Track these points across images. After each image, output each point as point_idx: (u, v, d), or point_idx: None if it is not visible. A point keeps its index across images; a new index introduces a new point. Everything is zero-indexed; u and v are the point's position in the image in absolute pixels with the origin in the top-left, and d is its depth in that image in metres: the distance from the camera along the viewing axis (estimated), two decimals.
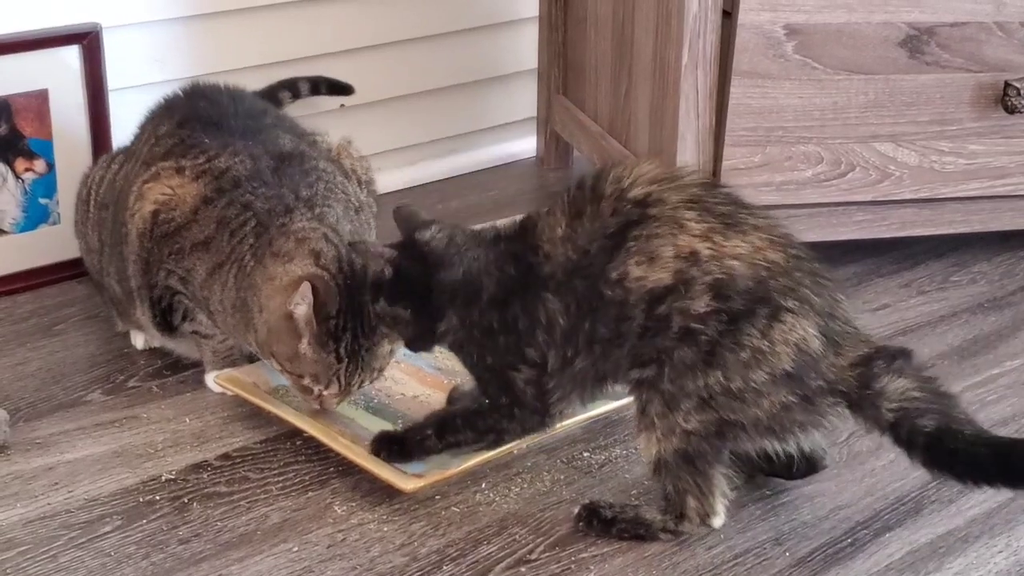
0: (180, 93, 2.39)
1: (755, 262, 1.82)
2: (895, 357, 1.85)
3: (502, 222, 2.02)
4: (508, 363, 1.93)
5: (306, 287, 2.02)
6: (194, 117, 2.30)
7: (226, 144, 2.25)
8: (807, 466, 2.02)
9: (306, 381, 2.11)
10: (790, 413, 1.84)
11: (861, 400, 1.83)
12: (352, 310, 2.07)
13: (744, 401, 1.83)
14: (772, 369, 1.81)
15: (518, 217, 1.99)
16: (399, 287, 1.97)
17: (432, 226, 1.98)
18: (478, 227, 2.02)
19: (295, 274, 2.08)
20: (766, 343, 1.80)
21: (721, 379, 1.82)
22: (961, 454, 1.79)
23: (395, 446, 2.01)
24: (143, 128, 2.39)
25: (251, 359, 2.29)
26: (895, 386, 1.82)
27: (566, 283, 1.87)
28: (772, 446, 1.90)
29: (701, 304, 1.80)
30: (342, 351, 2.07)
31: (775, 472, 2.03)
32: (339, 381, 2.10)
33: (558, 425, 2.03)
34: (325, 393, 2.11)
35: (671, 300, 1.81)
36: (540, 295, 1.89)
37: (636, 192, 1.85)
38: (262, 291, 2.11)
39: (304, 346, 2.07)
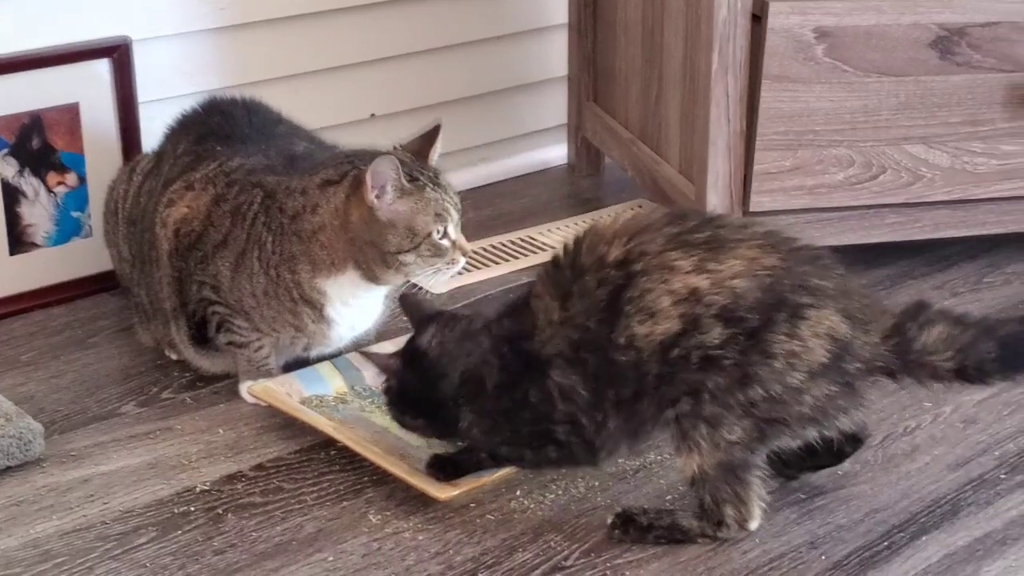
0: (197, 109, 2.43)
1: (755, 273, 1.81)
2: (918, 312, 1.87)
3: (490, 309, 2.04)
4: (542, 428, 1.92)
5: (371, 174, 2.11)
6: (209, 133, 2.36)
7: (237, 152, 2.31)
8: (852, 443, 2.01)
9: (435, 236, 2.16)
10: (832, 401, 1.85)
11: (907, 367, 1.85)
12: (399, 161, 2.14)
13: (786, 403, 1.83)
14: (809, 366, 1.81)
15: (509, 299, 2.01)
16: (407, 399, 2.01)
17: (431, 327, 1.99)
18: (469, 314, 2.03)
19: (338, 197, 2.17)
20: (797, 343, 1.80)
21: (761, 391, 1.82)
22: None
23: (450, 468, 2.01)
24: (163, 147, 2.44)
25: (292, 366, 2.30)
26: (933, 336, 1.84)
27: (575, 360, 1.86)
28: (815, 434, 1.90)
29: (714, 335, 1.80)
30: (430, 182, 2.16)
31: (823, 465, 2.04)
32: (452, 211, 2.18)
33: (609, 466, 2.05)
34: (452, 233, 2.18)
35: (683, 342, 1.81)
36: (546, 374, 1.88)
37: (615, 254, 1.85)
38: (320, 245, 2.18)
39: (409, 205, 2.14)
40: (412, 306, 2.07)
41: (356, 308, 2.27)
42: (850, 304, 1.85)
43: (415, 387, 1.99)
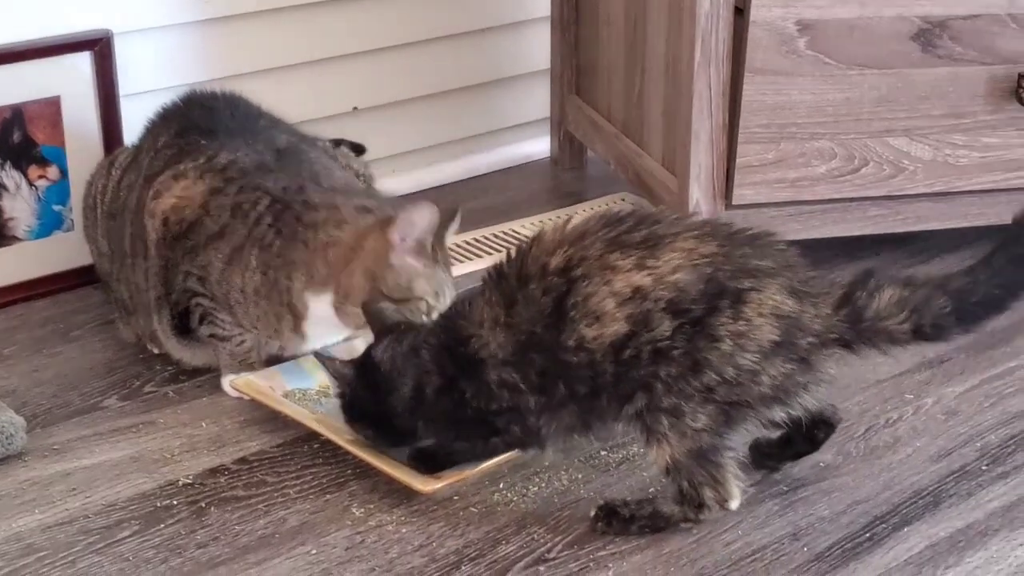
0: (177, 102, 2.41)
1: (695, 263, 1.82)
2: (866, 280, 1.87)
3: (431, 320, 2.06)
4: (483, 421, 1.95)
5: (406, 218, 2.11)
6: (191, 126, 2.34)
7: (224, 145, 2.29)
8: (825, 428, 2.01)
9: (422, 307, 2.17)
10: (791, 378, 1.85)
11: (861, 335, 1.86)
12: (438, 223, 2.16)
13: (744, 385, 1.83)
14: (759, 346, 1.82)
15: (452, 307, 2.03)
16: (357, 409, 2.03)
17: (385, 339, 2.01)
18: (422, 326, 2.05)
19: (366, 222, 2.17)
20: (742, 323, 1.81)
21: (714, 376, 1.82)
22: (987, 294, 1.84)
23: (429, 460, 2.02)
24: (143, 140, 2.42)
25: (269, 362, 2.30)
26: (884, 301, 1.84)
27: (518, 359, 1.88)
28: (780, 414, 1.90)
29: (664, 328, 1.81)
30: (443, 263, 2.19)
31: (800, 453, 2.04)
32: (447, 297, 2.19)
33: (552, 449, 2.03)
34: (432, 313, 2.17)
35: (634, 341, 1.82)
36: (482, 372, 1.91)
37: (556, 262, 1.86)
38: (324, 259, 2.16)
39: (418, 268, 2.15)
40: (375, 315, 2.08)
41: (330, 328, 2.25)
42: (794, 279, 1.86)
43: (366, 398, 2.01)
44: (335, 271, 2.17)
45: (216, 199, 2.23)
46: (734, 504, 1.91)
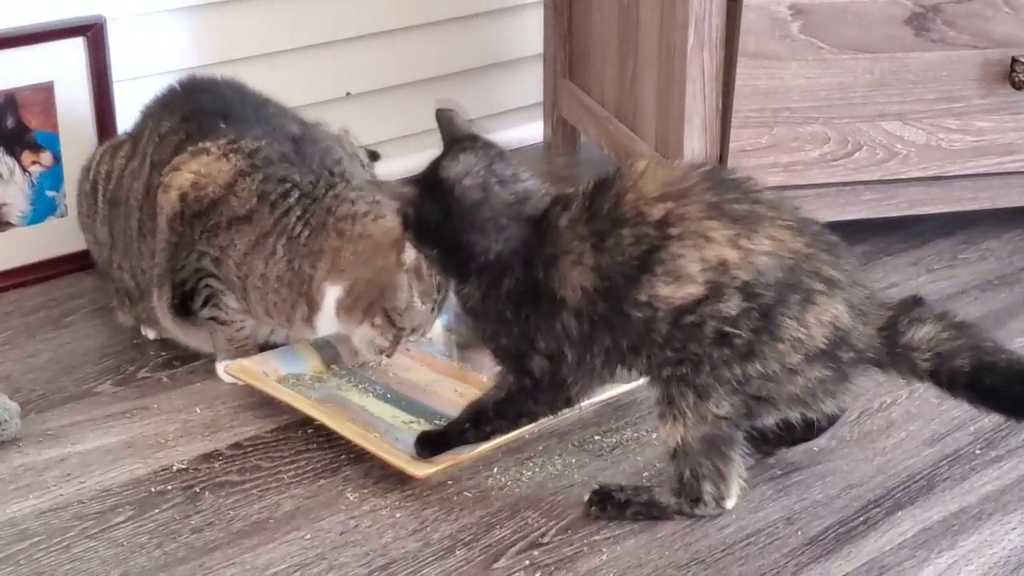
0: (177, 88, 2.38)
1: (781, 255, 1.81)
2: (912, 307, 1.88)
3: (537, 192, 1.94)
4: (521, 349, 1.91)
5: None
6: (199, 111, 2.30)
7: (243, 131, 2.25)
8: (829, 420, 2.02)
9: (407, 332, 2.16)
10: (823, 385, 1.85)
11: (892, 359, 1.86)
12: None
13: (779, 382, 1.83)
14: (808, 350, 1.82)
15: (551, 196, 1.94)
16: (424, 229, 1.93)
17: (461, 156, 1.90)
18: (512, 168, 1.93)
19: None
20: (803, 330, 1.81)
21: (759, 367, 1.82)
22: (1001, 390, 1.84)
23: (437, 443, 2.01)
24: (141, 127, 2.38)
25: (262, 349, 2.29)
26: (922, 335, 1.85)
27: (588, 308, 1.85)
28: (798, 414, 1.91)
29: (732, 306, 1.80)
30: (439, 305, 2.16)
31: (797, 440, 2.05)
32: (427, 328, 2.19)
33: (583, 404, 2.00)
34: (413, 338, 2.18)
35: (701, 308, 1.80)
36: (559, 314, 1.86)
37: (655, 214, 1.82)
38: (353, 250, 2.14)
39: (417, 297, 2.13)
40: (446, 122, 1.98)
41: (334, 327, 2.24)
42: (855, 295, 1.86)
43: (435, 219, 1.89)
44: (358, 263, 2.14)
45: (243, 182, 2.20)
46: (730, 504, 1.92)
